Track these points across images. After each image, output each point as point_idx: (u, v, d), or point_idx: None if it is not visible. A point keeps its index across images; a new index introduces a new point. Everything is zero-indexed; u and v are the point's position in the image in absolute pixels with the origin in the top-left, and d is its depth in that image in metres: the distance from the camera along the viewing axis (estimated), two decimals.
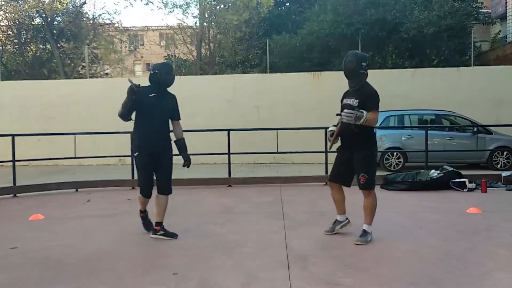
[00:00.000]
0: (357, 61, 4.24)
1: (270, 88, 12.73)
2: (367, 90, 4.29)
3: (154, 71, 4.47)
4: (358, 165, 4.28)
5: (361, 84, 4.30)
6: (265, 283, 3.29)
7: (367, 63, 4.32)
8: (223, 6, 16.75)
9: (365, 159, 4.28)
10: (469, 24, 14.14)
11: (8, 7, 17.20)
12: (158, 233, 4.55)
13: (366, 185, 4.27)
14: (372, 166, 4.35)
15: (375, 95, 4.27)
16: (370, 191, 4.32)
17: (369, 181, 4.27)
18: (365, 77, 4.32)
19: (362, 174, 4.25)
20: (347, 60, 4.30)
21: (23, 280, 3.45)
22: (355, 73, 4.27)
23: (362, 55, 4.33)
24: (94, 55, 17.95)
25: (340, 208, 4.61)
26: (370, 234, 4.33)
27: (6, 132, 8.75)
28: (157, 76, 4.45)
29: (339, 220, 4.63)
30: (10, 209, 6.41)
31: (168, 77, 4.51)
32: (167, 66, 4.60)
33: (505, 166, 9.97)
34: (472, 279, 3.33)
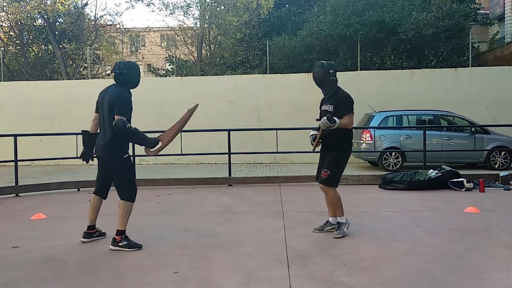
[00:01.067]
0: (324, 70, 4.49)
1: (270, 89, 12.78)
2: (340, 96, 4.52)
3: (122, 71, 4.25)
4: (327, 162, 4.50)
5: (333, 90, 4.55)
6: (265, 282, 3.32)
7: (335, 70, 4.55)
8: (224, 7, 16.79)
9: (334, 158, 4.48)
10: (467, 25, 14.19)
11: (10, 8, 17.24)
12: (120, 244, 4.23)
13: (326, 180, 4.45)
14: (337, 165, 4.51)
15: (347, 99, 4.50)
16: (329, 187, 4.49)
17: (330, 177, 4.44)
18: (335, 83, 4.56)
19: (325, 169, 4.45)
20: (315, 71, 4.56)
21: (24, 279, 3.49)
22: (325, 81, 4.52)
23: (328, 64, 4.56)
24: (95, 56, 17.99)
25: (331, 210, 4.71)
26: (344, 224, 4.53)
27: (7, 132, 8.82)
28: (126, 77, 4.27)
29: (330, 222, 4.73)
30: (12, 208, 6.45)
31: (138, 78, 4.38)
32: (136, 67, 4.40)
33: (502, 166, 10.01)
34: (471, 278, 3.36)
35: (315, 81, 4.59)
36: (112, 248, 4.22)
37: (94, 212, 4.52)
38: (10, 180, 8.33)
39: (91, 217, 4.53)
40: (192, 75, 16.27)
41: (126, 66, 4.34)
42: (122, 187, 4.29)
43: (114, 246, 4.22)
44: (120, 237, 4.23)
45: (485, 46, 16.89)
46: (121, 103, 4.14)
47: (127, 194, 4.29)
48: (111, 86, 4.35)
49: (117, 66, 4.33)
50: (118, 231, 4.25)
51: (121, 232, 4.25)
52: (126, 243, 4.22)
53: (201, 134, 10.42)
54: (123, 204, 4.27)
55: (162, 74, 19.44)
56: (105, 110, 4.25)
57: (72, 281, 3.43)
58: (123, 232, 4.26)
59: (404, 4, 14.16)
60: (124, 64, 4.36)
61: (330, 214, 4.72)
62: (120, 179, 4.31)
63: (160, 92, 12.58)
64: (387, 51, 13.87)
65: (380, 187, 7.72)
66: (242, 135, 10.19)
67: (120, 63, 4.39)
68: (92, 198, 4.55)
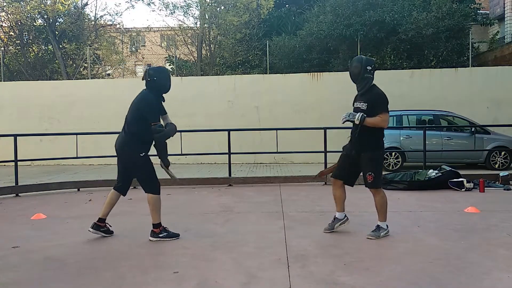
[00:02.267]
0: (362, 65, 4.40)
1: (270, 89, 12.80)
2: (374, 93, 4.44)
3: (152, 77, 4.39)
4: (366, 164, 4.41)
5: (367, 87, 4.47)
6: (265, 282, 3.32)
7: (373, 67, 4.46)
8: (224, 7, 16.81)
9: (373, 159, 4.41)
10: (467, 25, 14.20)
11: (10, 8, 17.25)
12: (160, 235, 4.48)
13: (374, 183, 4.40)
14: (379, 165, 4.49)
15: (382, 97, 4.42)
16: (378, 189, 4.45)
17: (376, 179, 4.40)
18: (370, 80, 4.48)
19: (370, 173, 4.38)
20: (353, 65, 4.48)
21: (24, 279, 3.48)
22: (361, 77, 4.43)
23: (367, 60, 4.48)
24: (95, 56, 18.00)
25: (340, 205, 4.70)
26: (383, 230, 4.48)
27: (7, 132, 8.83)
28: (157, 83, 4.41)
29: (338, 217, 4.70)
30: (12, 208, 6.44)
31: (168, 83, 4.49)
32: (165, 72, 4.55)
33: (502, 166, 10.02)
34: (471, 278, 3.35)
35: (350, 75, 4.51)
36: (152, 239, 4.44)
37: (108, 207, 4.59)
38: (10, 180, 8.33)
39: (105, 210, 4.59)
40: (192, 75, 16.28)
41: (155, 72, 4.46)
42: (144, 182, 4.50)
43: (155, 238, 4.44)
44: (159, 229, 4.45)
45: (485, 46, 16.91)
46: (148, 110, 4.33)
47: (150, 188, 4.46)
48: (142, 91, 4.50)
49: (147, 73, 4.44)
50: (154, 225, 4.46)
51: (157, 225, 4.46)
52: (166, 234, 4.47)
53: (201, 134, 10.42)
54: (150, 199, 4.45)
55: None
56: (130, 111, 4.44)
57: (72, 281, 3.43)
58: (159, 224, 4.47)
59: (404, 4, 14.17)
60: (153, 71, 4.47)
61: (338, 210, 4.70)
62: (140, 175, 4.52)
63: None
64: (387, 51, 13.88)
65: None
66: (242, 135, 10.19)
67: (149, 69, 4.49)
68: (111, 193, 4.62)
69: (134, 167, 4.51)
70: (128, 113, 4.47)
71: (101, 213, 4.59)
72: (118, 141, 4.51)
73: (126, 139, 4.44)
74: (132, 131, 4.39)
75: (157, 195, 4.47)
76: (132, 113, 4.41)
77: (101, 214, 4.59)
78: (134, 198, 6.72)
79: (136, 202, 6.52)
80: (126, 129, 4.45)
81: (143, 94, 4.44)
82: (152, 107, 4.37)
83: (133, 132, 4.38)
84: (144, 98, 4.40)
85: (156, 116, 4.38)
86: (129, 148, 4.43)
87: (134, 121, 4.37)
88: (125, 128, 4.47)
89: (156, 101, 4.43)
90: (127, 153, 4.47)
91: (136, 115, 4.37)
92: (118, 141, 4.52)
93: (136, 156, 4.42)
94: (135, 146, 4.41)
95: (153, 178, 4.50)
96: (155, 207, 4.45)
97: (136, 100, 4.45)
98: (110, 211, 4.62)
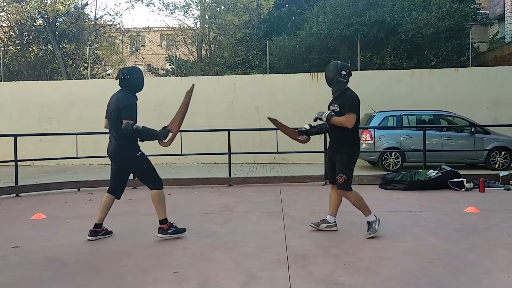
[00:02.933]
0: (337, 70, 4.50)
1: (270, 89, 12.80)
2: (346, 96, 4.53)
3: (126, 76, 4.43)
4: (338, 166, 4.49)
5: (341, 91, 4.55)
6: (265, 282, 3.32)
7: (347, 72, 4.54)
8: (224, 7, 16.81)
9: (345, 161, 4.48)
10: (467, 25, 14.21)
11: (10, 8, 17.25)
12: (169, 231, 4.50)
13: (344, 185, 4.46)
14: (349, 166, 4.52)
15: (352, 99, 4.49)
16: (348, 191, 4.49)
17: (348, 181, 4.46)
18: (344, 84, 4.56)
19: (341, 174, 4.44)
20: (329, 69, 4.58)
21: (24, 279, 3.49)
22: (335, 82, 4.53)
23: (342, 65, 4.56)
24: (95, 56, 18.01)
25: (333, 209, 4.75)
26: (374, 222, 4.51)
27: (7, 132, 8.83)
28: (131, 81, 4.45)
29: (328, 220, 4.75)
30: (12, 208, 6.45)
31: (141, 81, 4.53)
32: (139, 71, 4.57)
33: (502, 166, 10.02)
34: (471, 278, 3.35)
35: (326, 79, 4.62)
36: (161, 237, 4.46)
37: (104, 211, 4.57)
38: (10, 180, 8.33)
39: (100, 215, 4.57)
40: (192, 75, 16.28)
41: (129, 71, 4.50)
42: (147, 180, 4.53)
43: (164, 234, 4.47)
44: (166, 225, 4.48)
45: (485, 46, 16.92)
46: (126, 107, 4.32)
47: (154, 183, 4.49)
48: (117, 92, 4.52)
49: (121, 72, 4.48)
50: (161, 221, 4.48)
51: (164, 221, 4.49)
52: (174, 230, 4.51)
53: (201, 134, 10.42)
54: (155, 195, 4.46)
55: (162, 74, 19.45)
56: (112, 114, 4.42)
57: (72, 281, 3.44)
58: (166, 220, 4.50)
59: (404, 4, 14.17)
60: (127, 70, 4.53)
61: (329, 213, 4.74)
62: (141, 174, 4.58)
63: (160, 92, 12.59)
64: (387, 51, 13.88)
65: (380, 187, 7.72)
66: (242, 135, 10.19)
67: (123, 69, 4.54)
68: (105, 196, 4.60)
69: (135, 168, 4.56)
70: (111, 117, 4.43)
71: (97, 219, 4.57)
72: (111, 148, 4.50)
73: (117, 143, 4.43)
74: (120, 134, 4.35)
75: (161, 190, 4.50)
76: (114, 116, 4.37)
77: (97, 220, 4.57)
78: (134, 198, 6.73)
79: (136, 202, 6.53)
80: (114, 134, 4.43)
81: (121, 94, 4.44)
82: (132, 105, 4.37)
83: (121, 134, 4.35)
84: (122, 97, 4.39)
85: (134, 115, 4.37)
86: (124, 151, 4.44)
87: (118, 123, 4.34)
88: (113, 134, 4.45)
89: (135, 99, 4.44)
90: (123, 156, 4.48)
91: (117, 116, 4.33)
92: (110, 148, 4.52)
93: (134, 157, 4.45)
94: (128, 147, 4.43)
95: (154, 173, 4.54)
96: (160, 203, 4.48)
97: (114, 100, 4.44)
98: (105, 215, 4.60)
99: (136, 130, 4.28)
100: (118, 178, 4.59)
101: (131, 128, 4.24)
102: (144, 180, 4.57)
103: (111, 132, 4.50)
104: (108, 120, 4.52)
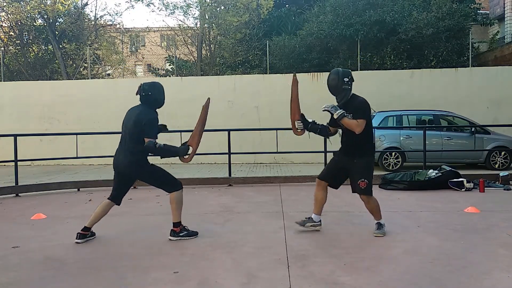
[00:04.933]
0: (339, 77, 4.40)
1: (270, 89, 12.79)
2: (358, 102, 4.45)
3: (147, 92, 4.37)
4: (358, 171, 4.42)
5: (346, 98, 4.46)
6: (265, 282, 3.32)
7: (350, 78, 4.45)
8: (224, 7, 16.81)
9: (366, 166, 4.44)
10: (467, 25, 14.21)
11: (10, 8, 17.25)
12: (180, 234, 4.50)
13: (367, 190, 4.43)
14: (370, 171, 4.51)
15: (364, 105, 4.43)
16: (369, 196, 4.48)
17: (369, 185, 4.43)
18: (349, 91, 4.47)
19: (363, 179, 4.39)
20: (330, 78, 4.47)
21: (24, 279, 3.49)
22: (339, 89, 4.43)
23: (343, 72, 4.46)
24: (95, 56, 18.01)
25: (318, 208, 4.74)
26: (384, 225, 4.58)
27: (7, 132, 8.83)
28: (152, 97, 4.39)
29: (313, 218, 4.74)
30: (12, 208, 6.44)
31: (162, 97, 4.49)
32: (159, 87, 4.49)
33: (502, 166, 10.02)
34: (471, 278, 3.35)
35: (328, 88, 4.50)
36: (172, 239, 4.48)
37: (99, 217, 4.50)
38: (10, 180, 8.33)
39: (94, 220, 4.50)
40: (192, 75, 16.28)
41: (150, 87, 4.43)
42: (163, 185, 4.54)
43: (175, 237, 4.49)
44: (179, 228, 4.51)
45: (485, 46, 16.92)
46: (148, 125, 4.27)
47: (171, 186, 4.50)
48: (137, 106, 4.45)
49: (142, 88, 4.41)
50: (175, 223, 4.51)
51: (178, 224, 4.51)
52: (186, 233, 4.53)
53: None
54: (173, 197, 4.47)
55: (162, 74, 19.46)
56: (129, 128, 4.35)
57: (72, 281, 3.43)
58: (179, 223, 4.52)
59: (404, 4, 14.17)
60: (148, 86, 4.44)
61: (314, 211, 4.74)
62: (156, 180, 4.55)
63: None
64: (387, 51, 13.88)
65: (380, 187, 7.72)
66: (242, 135, 10.20)
67: (144, 84, 4.45)
68: (106, 203, 4.52)
69: (148, 178, 4.52)
70: (126, 130, 4.36)
71: (89, 222, 4.48)
72: (121, 161, 4.39)
73: (131, 158, 4.34)
74: (137, 150, 4.31)
75: (180, 190, 4.49)
76: (132, 130, 4.30)
77: (89, 224, 4.48)
78: (134, 198, 6.73)
79: (136, 202, 6.53)
80: (130, 148, 4.33)
81: (143, 109, 4.36)
82: (154, 122, 4.33)
83: (138, 150, 4.31)
84: (144, 113, 4.31)
85: (156, 132, 4.34)
86: (137, 166, 4.39)
87: (135, 139, 4.28)
88: (126, 147, 4.35)
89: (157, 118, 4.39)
90: (136, 171, 4.42)
91: (136, 131, 4.27)
92: (121, 161, 4.39)
93: (146, 169, 4.45)
94: (142, 162, 4.42)
95: (168, 176, 4.53)
96: (178, 205, 4.48)
97: (135, 114, 4.34)
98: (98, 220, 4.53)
99: (158, 149, 4.27)
100: (123, 187, 4.55)
101: (153, 146, 4.22)
102: (161, 186, 4.55)
103: (122, 144, 4.42)
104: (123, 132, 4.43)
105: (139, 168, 4.41)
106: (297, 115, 4.68)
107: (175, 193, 4.47)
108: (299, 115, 4.68)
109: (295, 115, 4.69)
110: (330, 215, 5.54)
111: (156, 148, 4.25)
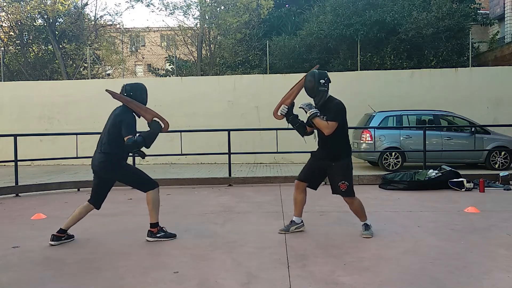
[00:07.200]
0: (315, 79, 4.41)
1: (270, 89, 12.77)
2: (329, 104, 4.45)
3: (129, 93, 4.43)
4: (338, 173, 4.42)
5: (323, 100, 4.48)
6: (265, 282, 3.33)
7: (326, 80, 4.45)
8: (223, 8, 16.81)
9: (345, 167, 4.44)
10: (467, 25, 14.20)
11: (10, 8, 17.25)
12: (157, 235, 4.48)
13: (347, 192, 4.43)
14: (349, 172, 4.50)
15: (337, 107, 4.40)
16: (352, 197, 4.48)
17: (350, 187, 4.43)
18: (325, 93, 4.48)
19: (343, 181, 4.40)
20: (307, 79, 4.50)
21: (24, 279, 3.49)
22: (315, 91, 4.45)
23: (319, 73, 4.47)
24: (95, 56, 18.01)
25: (299, 210, 4.76)
26: (371, 226, 4.58)
27: (7, 132, 8.82)
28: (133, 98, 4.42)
29: (295, 221, 4.75)
30: (12, 208, 6.45)
31: (145, 98, 4.51)
32: (142, 87, 4.54)
33: (502, 166, 10.01)
34: (471, 278, 3.36)
35: (305, 90, 4.51)
36: (150, 239, 4.44)
37: (76, 220, 4.47)
38: (10, 180, 8.33)
39: (71, 223, 4.45)
40: (192, 75, 16.28)
41: (132, 88, 4.49)
42: (138, 184, 4.51)
43: (152, 238, 4.45)
44: (157, 229, 4.47)
45: (485, 46, 16.92)
46: (125, 123, 4.28)
47: (147, 185, 4.48)
48: (118, 107, 4.49)
49: (124, 88, 4.47)
50: (152, 224, 4.47)
51: (155, 225, 4.47)
52: (163, 234, 4.49)
53: (201, 134, 10.42)
54: (149, 198, 4.44)
55: (162, 74, 19.46)
56: (108, 127, 4.41)
57: (72, 281, 3.44)
58: (157, 223, 4.48)
59: (404, 4, 14.16)
60: (130, 86, 4.50)
61: (295, 214, 4.75)
62: (130, 180, 4.54)
63: (160, 92, 12.58)
64: (387, 51, 13.87)
65: (380, 187, 7.73)
66: (242, 135, 10.19)
67: (126, 85, 4.51)
68: (85, 206, 4.49)
69: (122, 177, 4.53)
70: (105, 131, 4.42)
71: (65, 225, 4.44)
72: (96, 162, 4.42)
73: (103, 158, 4.38)
74: (112, 151, 4.35)
75: (156, 188, 4.47)
76: (111, 130, 4.35)
77: (65, 226, 4.44)
78: (134, 198, 6.73)
79: (136, 202, 6.53)
80: (106, 150, 4.37)
81: (120, 111, 4.42)
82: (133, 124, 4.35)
83: (113, 152, 4.35)
84: (120, 114, 4.37)
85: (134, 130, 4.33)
86: (109, 165, 4.39)
87: (112, 140, 4.32)
88: (102, 148, 4.39)
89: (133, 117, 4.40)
90: (109, 171, 4.43)
91: (113, 131, 4.31)
92: (95, 161, 4.44)
93: (119, 169, 4.45)
94: (114, 161, 4.40)
95: (143, 175, 4.51)
96: (154, 206, 4.46)
97: (113, 115, 4.42)
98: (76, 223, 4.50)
99: (138, 143, 4.26)
100: (102, 190, 4.53)
101: (133, 141, 4.22)
102: (136, 185, 4.53)
103: (99, 145, 4.45)
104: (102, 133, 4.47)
105: (112, 167, 4.41)
106: (289, 100, 4.68)
107: (151, 193, 4.44)
108: (290, 102, 4.68)
109: (287, 99, 4.70)
110: (330, 215, 5.55)
111: (136, 142, 4.25)
